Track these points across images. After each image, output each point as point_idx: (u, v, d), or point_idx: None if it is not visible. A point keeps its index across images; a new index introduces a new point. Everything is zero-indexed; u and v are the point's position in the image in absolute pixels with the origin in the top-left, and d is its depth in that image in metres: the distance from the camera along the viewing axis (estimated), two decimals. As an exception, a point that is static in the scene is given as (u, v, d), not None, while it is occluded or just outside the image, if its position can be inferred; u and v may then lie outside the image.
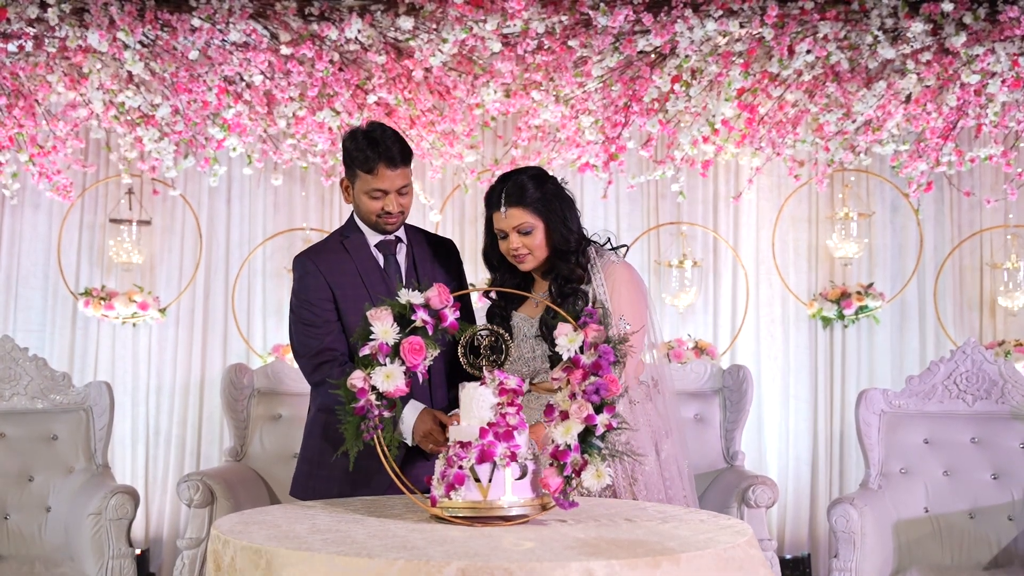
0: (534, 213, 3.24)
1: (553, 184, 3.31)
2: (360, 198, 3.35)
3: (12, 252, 6.36)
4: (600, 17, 4.77)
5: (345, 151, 3.35)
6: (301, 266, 3.40)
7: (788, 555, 6.20)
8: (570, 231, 3.28)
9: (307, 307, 3.36)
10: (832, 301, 6.26)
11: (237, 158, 5.95)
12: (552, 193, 3.28)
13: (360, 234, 3.43)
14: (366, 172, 3.29)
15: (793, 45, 4.89)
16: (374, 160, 3.27)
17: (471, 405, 2.59)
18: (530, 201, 3.24)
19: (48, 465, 5.05)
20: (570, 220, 3.29)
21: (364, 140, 3.30)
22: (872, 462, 4.91)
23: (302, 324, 3.37)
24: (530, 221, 3.24)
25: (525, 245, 3.25)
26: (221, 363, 6.30)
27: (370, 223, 3.40)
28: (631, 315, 3.25)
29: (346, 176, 3.39)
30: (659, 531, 2.44)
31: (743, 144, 5.63)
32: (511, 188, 3.26)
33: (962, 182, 6.18)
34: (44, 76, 5.25)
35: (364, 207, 3.36)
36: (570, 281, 3.26)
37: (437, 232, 6.29)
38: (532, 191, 3.25)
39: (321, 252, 3.44)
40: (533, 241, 3.25)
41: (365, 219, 3.41)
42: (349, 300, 3.33)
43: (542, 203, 3.25)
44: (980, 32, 4.76)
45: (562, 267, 3.28)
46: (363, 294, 3.31)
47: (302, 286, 3.39)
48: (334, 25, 4.96)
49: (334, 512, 2.68)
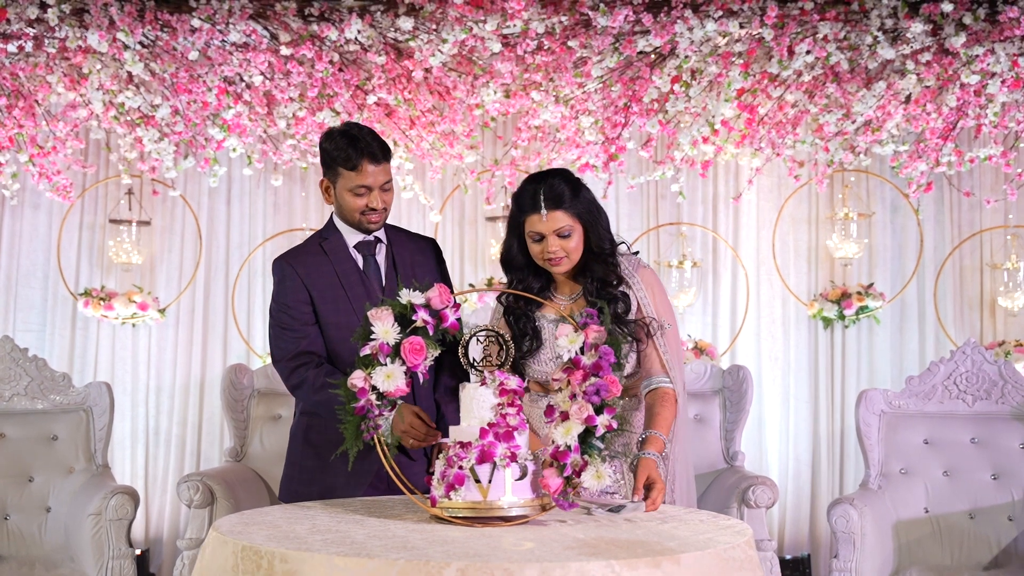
0: (574, 216, 3.18)
1: (586, 189, 3.28)
2: (343, 196, 3.34)
3: (12, 252, 6.36)
4: (600, 17, 4.77)
5: (324, 152, 3.35)
6: (279, 270, 3.41)
7: (788, 555, 6.20)
8: (608, 233, 3.27)
9: (285, 311, 3.37)
10: (832, 301, 6.26)
11: (237, 159, 5.95)
12: (588, 198, 3.24)
13: (339, 235, 3.43)
14: (349, 169, 3.29)
15: (793, 45, 4.89)
16: (356, 157, 3.27)
17: (471, 405, 2.59)
18: (570, 205, 3.17)
19: (48, 465, 5.05)
20: (604, 223, 3.27)
21: (343, 139, 3.30)
22: (872, 462, 4.91)
23: (280, 328, 3.39)
24: (570, 224, 3.18)
25: (563, 248, 3.19)
26: (221, 363, 6.30)
27: (352, 222, 3.39)
28: (670, 319, 3.29)
29: (326, 176, 3.38)
30: (659, 531, 2.44)
31: (743, 144, 5.63)
32: (548, 191, 3.17)
33: (962, 182, 6.18)
34: (44, 76, 5.25)
35: (347, 205, 3.35)
36: (607, 284, 3.23)
37: (437, 233, 6.32)
38: (571, 195, 3.19)
39: (299, 255, 3.44)
40: (570, 244, 3.19)
41: (348, 218, 3.39)
42: (328, 302, 3.34)
43: (582, 206, 3.20)
44: (980, 32, 4.76)
45: (598, 269, 3.25)
46: (341, 295, 3.33)
47: (280, 290, 3.40)
48: (334, 25, 4.96)
49: (334, 512, 2.68)
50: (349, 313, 3.30)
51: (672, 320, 3.31)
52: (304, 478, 3.40)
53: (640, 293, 3.26)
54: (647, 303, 3.26)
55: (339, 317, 3.33)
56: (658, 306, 3.27)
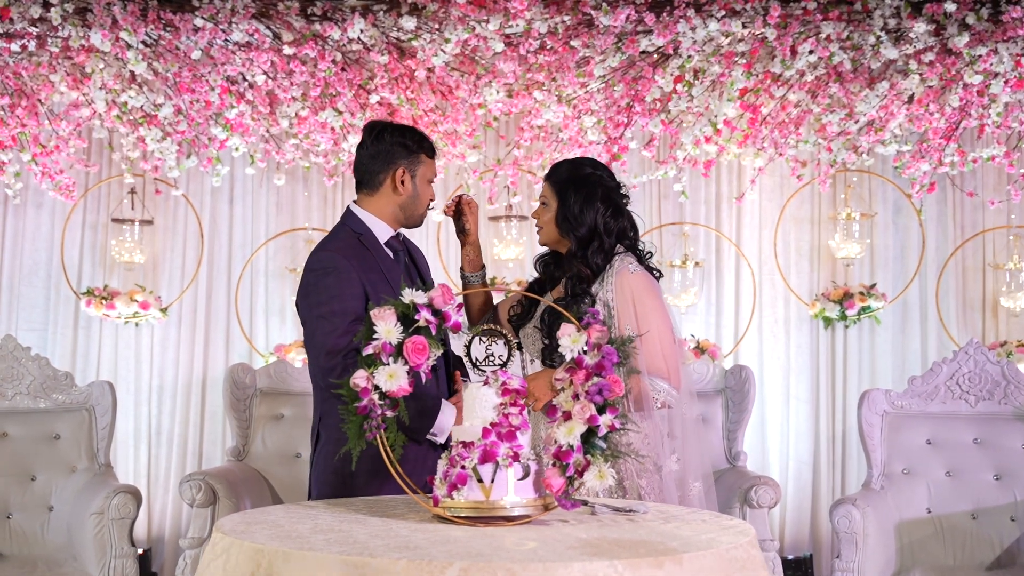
0: (553, 190, 3.41)
1: (590, 176, 3.40)
2: (422, 185, 3.39)
3: (15, 251, 6.36)
4: (602, 17, 4.77)
5: (398, 143, 3.34)
6: (331, 261, 3.24)
7: (790, 555, 6.20)
8: (578, 221, 3.34)
9: (338, 303, 3.19)
10: (834, 302, 6.25)
11: (240, 158, 5.95)
12: (580, 177, 3.39)
13: (371, 232, 3.36)
14: (431, 157, 3.38)
15: (796, 45, 4.88)
16: (431, 147, 3.38)
17: (474, 405, 2.59)
18: (555, 180, 3.42)
19: (50, 464, 5.05)
20: (586, 208, 3.35)
21: (413, 131, 3.39)
22: (874, 463, 4.91)
23: (333, 320, 3.18)
24: (547, 196, 3.43)
25: (539, 217, 3.45)
26: (223, 363, 6.30)
27: (418, 213, 3.42)
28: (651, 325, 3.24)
29: (402, 167, 3.34)
30: (661, 531, 2.44)
31: (745, 144, 5.63)
32: (556, 165, 3.49)
33: (965, 183, 6.18)
34: (47, 76, 5.25)
35: (423, 194, 3.40)
36: (580, 280, 3.32)
37: (440, 232, 6.33)
38: (563, 171, 3.43)
39: (347, 249, 3.30)
40: (544, 216, 3.44)
41: (416, 209, 3.40)
42: (378, 296, 3.16)
43: (562, 184, 3.40)
44: (983, 32, 4.76)
45: (572, 263, 3.35)
46: (388, 290, 3.15)
47: (330, 281, 3.22)
48: (337, 25, 4.96)
49: (336, 512, 2.68)
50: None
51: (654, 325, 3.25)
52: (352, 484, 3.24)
53: (610, 295, 3.28)
54: (612, 305, 3.27)
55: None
56: (621, 313, 3.25)
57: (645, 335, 3.19)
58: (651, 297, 3.31)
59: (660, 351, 3.26)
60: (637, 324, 3.22)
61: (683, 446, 3.32)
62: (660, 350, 3.26)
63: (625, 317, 3.25)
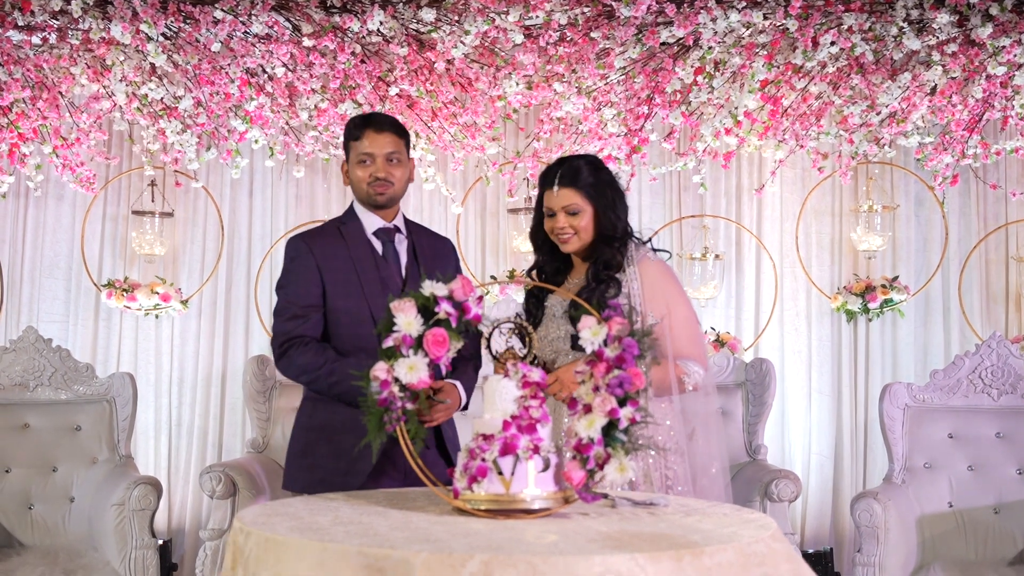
0: (584, 196, 3.33)
1: (607, 173, 3.40)
2: (353, 171, 3.44)
3: (36, 243, 6.39)
4: (623, 8, 4.75)
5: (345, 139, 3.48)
6: (294, 248, 3.44)
7: (810, 549, 6.17)
8: (618, 218, 3.36)
9: (292, 288, 3.40)
10: (856, 294, 6.22)
11: (259, 150, 5.96)
12: (605, 180, 3.37)
13: (357, 221, 3.47)
14: (354, 140, 3.41)
15: (817, 36, 4.85)
16: (361, 127, 3.40)
17: (494, 397, 2.58)
18: (582, 184, 3.33)
19: (72, 456, 5.08)
20: (619, 208, 3.37)
21: (357, 118, 3.48)
22: (896, 456, 4.89)
23: (285, 303, 3.40)
24: (579, 203, 3.32)
25: (571, 226, 3.33)
26: (243, 355, 6.32)
27: (362, 196, 3.45)
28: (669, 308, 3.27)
29: (344, 159, 3.50)
30: (682, 524, 2.42)
31: (766, 136, 5.60)
32: (566, 170, 3.35)
33: (988, 175, 6.13)
34: (68, 68, 5.27)
35: (355, 177, 3.43)
36: (609, 267, 3.32)
37: (458, 224, 6.31)
38: (586, 175, 3.34)
39: (315, 236, 3.49)
40: (579, 223, 3.33)
41: (359, 193, 3.46)
42: (338, 286, 3.36)
43: (593, 188, 3.33)
44: (1007, 23, 4.71)
45: (605, 251, 3.34)
46: (353, 281, 3.36)
47: (292, 267, 3.42)
48: (356, 17, 4.95)
49: (357, 504, 2.68)
50: (359, 299, 3.33)
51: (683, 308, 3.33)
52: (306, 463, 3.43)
53: (633, 283, 3.30)
54: (636, 294, 3.29)
55: (349, 302, 3.35)
56: (648, 299, 3.28)
57: (678, 319, 3.24)
58: (674, 282, 3.40)
59: (691, 334, 3.31)
60: (668, 308, 3.25)
61: (704, 431, 3.34)
62: (691, 333, 3.32)
63: (652, 302, 3.27)
